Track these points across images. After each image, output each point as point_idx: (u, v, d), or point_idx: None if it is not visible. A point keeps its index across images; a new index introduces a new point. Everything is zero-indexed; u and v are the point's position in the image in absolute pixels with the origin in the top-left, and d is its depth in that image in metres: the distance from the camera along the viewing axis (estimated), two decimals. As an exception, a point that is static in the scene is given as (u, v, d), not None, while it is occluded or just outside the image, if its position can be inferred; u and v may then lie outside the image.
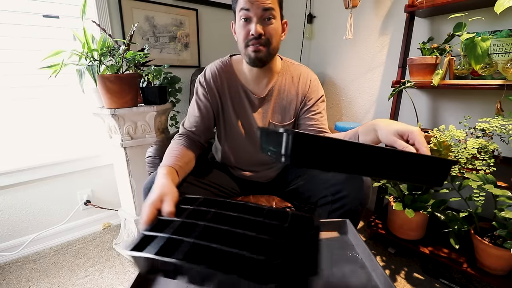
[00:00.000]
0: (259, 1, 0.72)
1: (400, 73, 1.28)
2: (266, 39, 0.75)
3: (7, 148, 1.28)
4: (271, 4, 0.73)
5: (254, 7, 0.72)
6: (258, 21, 0.73)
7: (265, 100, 0.88)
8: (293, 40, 1.90)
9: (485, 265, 1.00)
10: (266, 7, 0.72)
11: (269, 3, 0.73)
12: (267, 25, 0.75)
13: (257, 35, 0.74)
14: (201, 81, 0.89)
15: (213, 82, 0.87)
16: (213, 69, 0.88)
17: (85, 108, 1.43)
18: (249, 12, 0.73)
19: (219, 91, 0.88)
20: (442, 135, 1.02)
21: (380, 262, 1.25)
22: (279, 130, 0.36)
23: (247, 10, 0.73)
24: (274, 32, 0.76)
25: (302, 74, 0.89)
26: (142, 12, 1.50)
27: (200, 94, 0.88)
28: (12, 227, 1.33)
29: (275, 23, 0.76)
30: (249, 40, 0.76)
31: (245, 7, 0.73)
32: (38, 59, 1.20)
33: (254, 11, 0.73)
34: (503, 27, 1.08)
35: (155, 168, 0.99)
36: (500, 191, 0.87)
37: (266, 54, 0.78)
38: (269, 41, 0.76)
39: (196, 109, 0.88)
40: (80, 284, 1.15)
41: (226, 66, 0.89)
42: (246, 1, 0.72)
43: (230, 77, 0.88)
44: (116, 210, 1.55)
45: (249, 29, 0.74)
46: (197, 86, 0.90)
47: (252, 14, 0.73)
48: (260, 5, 0.72)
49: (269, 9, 0.73)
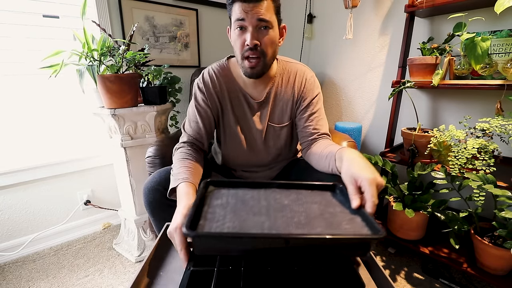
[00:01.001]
0: (254, 11, 0.69)
1: (400, 73, 1.28)
2: (261, 49, 0.74)
3: (7, 148, 1.28)
4: (267, 14, 0.71)
5: (249, 17, 0.70)
6: (253, 30, 0.71)
7: (264, 104, 0.88)
8: (293, 40, 1.90)
9: (485, 265, 1.00)
10: (261, 18, 0.70)
11: (264, 13, 0.70)
12: (263, 35, 0.73)
13: (252, 46, 0.72)
14: (200, 86, 0.87)
15: (212, 87, 0.86)
16: (211, 73, 0.87)
17: (85, 108, 1.43)
18: (244, 21, 0.71)
19: (219, 96, 0.87)
20: (442, 135, 1.03)
21: (380, 262, 1.25)
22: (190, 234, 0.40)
23: (242, 20, 0.71)
24: (270, 42, 0.74)
25: (298, 73, 0.88)
26: (142, 12, 1.50)
27: (199, 100, 0.87)
28: (12, 227, 1.33)
29: (272, 32, 0.74)
30: (245, 51, 0.74)
31: (240, 17, 0.71)
32: (38, 59, 1.20)
33: (249, 21, 0.70)
34: (503, 27, 1.08)
35: (155, 168, 0.99)
36: (500, 191, 0.87)
37: (262, 66, 0.76)
38: (265, 52, 0.75)
39: (197, 115, 0.86)
40: (80, 284, 1.15)
41: (224, 70, 0.87)
42: (241, 10, 0.70)
43: (228, 80, 0.87)
44: (116, 210, 1.55)
45: (244, 39, 0.73)
46: (196, 91, 0.88)
47: (247, 24, 0.71)
48: (255, 15, 0.70)
49: (263, 19, 0.71)
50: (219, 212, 0.47)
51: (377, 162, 1.19)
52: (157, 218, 0.78)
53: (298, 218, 0.47)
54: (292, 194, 0.56)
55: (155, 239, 0.73)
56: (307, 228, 0.44)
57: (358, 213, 0.49)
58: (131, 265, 1.27)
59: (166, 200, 0.73)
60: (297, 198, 0.55)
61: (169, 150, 0.95)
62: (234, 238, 0.41)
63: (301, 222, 0.46)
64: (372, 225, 0.44)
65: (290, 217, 0.47)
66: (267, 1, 0.71)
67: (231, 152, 0.94)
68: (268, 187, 0.59)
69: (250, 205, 0.51)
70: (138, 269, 0.47)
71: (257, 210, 0.49)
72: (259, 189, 0.57)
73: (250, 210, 0.49)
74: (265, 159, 0.94)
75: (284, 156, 0.95)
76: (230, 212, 0.47)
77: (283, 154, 0.94)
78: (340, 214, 0.49)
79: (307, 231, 0.43)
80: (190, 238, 0.44)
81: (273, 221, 0.45)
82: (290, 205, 0.51)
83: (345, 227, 0.45)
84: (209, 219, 0.45)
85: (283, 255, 0.42)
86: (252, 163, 0.95)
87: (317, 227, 0.45)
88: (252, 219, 0.46)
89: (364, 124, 1.65)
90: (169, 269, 0.51)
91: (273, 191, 0.57)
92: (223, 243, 0.42)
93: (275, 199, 0.54)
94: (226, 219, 0.45)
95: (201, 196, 0.51)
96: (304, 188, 0.59)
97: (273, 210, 0.49)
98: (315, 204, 0.52)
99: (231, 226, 0.43)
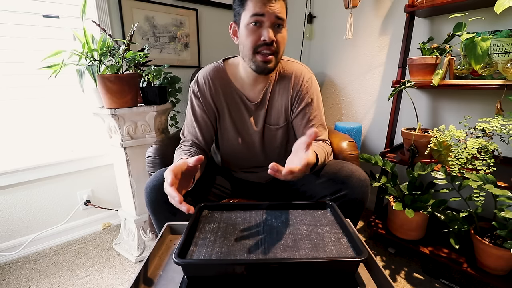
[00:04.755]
0: (273, 8, 0.70)
1: (400, 73, 1.28)
2: (276, 47, 0.74)
3: (7, 148, 1.28)
4: (283, 14, 0.73)
5: (268, 13, 0.70)
6: (271, 26, 0.72)
7: (260, 105, 0.87)
8: (293, 40, 1.90)
9: (485, 265, 1.00)
10: (279, 16, 0.71)
11: (282, 12, 0.72)
12: (278, 33, 0.73)
13: (270, 41, 0.71)
14: (195, 91, 0.87)
15: (208, 90, 0.86)
16: (205, 76, 0.86)
17: (85, 108, 1.43)
18: (263, 17, 0.70)
19: (214, 100, 0.86)
20: (442, 135, 1.03)
21: (380, 262, 1.25)
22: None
23: (262, 15, 0.70)
24: (283, 41, 0.76)
25: (295, 73, 0.87)
26: (142, 12, 1.50)
27: (195, 105, 0.87)
28: (12, 227, 1.33)
29: (284, 31, 0.75)
30: (259, 46, 0.73)
31: (260, 12, 0.70)
32: (38, 59, 1.20)
33: (268, 17, 0.70)
34: (503, 27, 1.08)
35: (155, 168, 0.99)
36: (500, 191, 0.87)
37: (275, 63, 0.77)
38: (279, 50, 0.75)
39: (193, 120, 0.87)
40: (80, 284, 1.15)
41: (219, 72, 0.87)
42: (260, 5, 0.70)
43: (224, 83, 0.86)
44: (116, 210, 1.55)
45: (260, 34, 0.72)
46: (191, 96, 0.88)
47: (266, 19, 0.71)
48: (275, 11, 0.70)
49: (281, 18, 0.72)
50: (210, 238, 0.51)
51: (377, 162, 1.19)
52: (158, 217, 0.78)
53: (286, 241, 0.50)
54: (282, 215, 0.59)
55: (155, 239, 0.73)
56: (293, 251, 0.47)
57: (345, 233, 0.51)
58: (131, 265, 1.27)
59: (168, 199, 0.73)
60: (286, 219, 0.58)
61: (169, 150, 0.95)
62: (220, 265, 0.44)
63: (288, 245, 0.48)
64: (357, 246, 0.46)
65: (278, 240, 0.50)
66: (283, 1, 0.73)
67: (229, 154, 0.94)
68: (259, 208, 0.62)
69: (240, 228, 0.54)
70: (138, 269, 0.47)
71: (246, 234, 0.52)
72: (250, 211, 0.61)
73: (240, 234, 0.52)
74: (263, 159, 0.94)
75: (282, 156, 0.95)
76: (220, 237, 0.51)
77: (281, 154, 0.94)
78: (327, 234, 0.52)
79: (292, 254, 0.46)
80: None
81: (261, 245, 0.48)
82: (279, 227, 0.54)
83: (330, 248, 0.47)
84: (200, 244, 0.48)
85: (267, 278, 0.45)
86: (251, 164, 0.95)
87: (302, 250, 0.47)
88: (240, 243, 0.49)
89: (364, 124, 1.65)
90: (169, 269, 0.51)
91: (264, 213, 0.61)
92: (210, 269, 0.45)
93: (266, 221, 0.57)
94: (216, 244, 0.49)
95: (193, 222, 0.54)
96: (294, 208, 0.62)
97: (262, 233, 0.52)
98: (304, 225, 0.55)
99: (219, 251, 0.46)
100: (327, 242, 0.49)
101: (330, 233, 0.52)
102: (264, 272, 0.44)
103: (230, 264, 0.44)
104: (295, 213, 0.60)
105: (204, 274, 0.45)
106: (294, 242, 0.49)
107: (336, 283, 0.45)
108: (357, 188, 0.74)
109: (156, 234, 1.24)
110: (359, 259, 0.43)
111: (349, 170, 0.76)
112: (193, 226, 0.53)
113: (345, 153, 1.01)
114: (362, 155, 1.22)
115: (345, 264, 0.44)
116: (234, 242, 0.49)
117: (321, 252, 0.46)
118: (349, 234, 0.50)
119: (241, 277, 0.44)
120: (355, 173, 0.75)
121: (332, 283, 0.45)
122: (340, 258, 0.44)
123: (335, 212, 0.58)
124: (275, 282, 0.45)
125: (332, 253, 0.46)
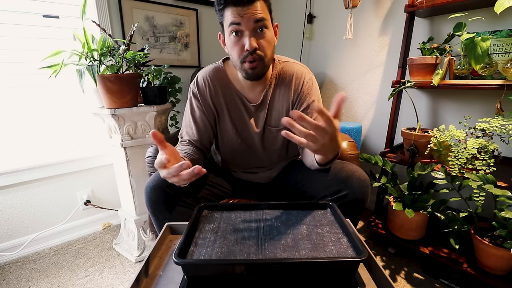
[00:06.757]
0: (249, 13, 0.67)
1: (400, 73, 1.28)
2: (260, 52, 0.72)
3: (7, 148, 1.28)
4: (262, 14, 0.69)
5: (245, 20, 0.67)
6: (250, 34, 0.69)
7: (261, 106, 0.87)
8: (293, 40, 1.90)
9: (485, 265, 1.00)
10: (257, 18, 0.68)
11: (260, 13, 0.68)
12: (260, 37, 0.71)
13: (252, 50, 0.70)
14: (194, 92, 0.86)
15: (207, 91, 0.85)
16: (205, 77, 0.86)
17: (85, 108, 1.43)
18: (240, 26, 0.68)
19: (214, 101, 0.86)
20: (442, 135, 1.03)
21: (380, 262, 1.25)
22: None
23: (238, 24, 0.68)
24: (268, 44, 0.73)
25: (296, 74, 0.86)
26: (142, 12, 1.50)
27: (194, 106, 0.86)
28: (12, 227, 1.33)
29: (268, 33, 0.72)
30: (245, 57, 0.72)
31: (235, 21, 0.68)
32: (38, 59, 1.20)
33: (245, 24, 0.68)
34: (503, 27, 1.08)
35: (155, 168, 0.99)
36: (500, 191, 0.87)
37: (262, 68, 0.75)
38: (264, 54, 0.73)
39: (191, 122, 0.86)
40: (80, 284, 1.15)
41: (219, 73, 0.86)
42: (235, 14, 0.67)
43: (224, 84, 0.86)
44: (116, 210, 1.55)
45: (242, 44, 0.70)
46: (191, 96, 0.87)
47: (244, 28, 0.68)
48: (251, 17, 0.67)
49: (261, 19, 0.68)
50: (210, 238, 0.50)
51: (377, 162, 1.19)
52: (158, 217, 0.78)
53: (286, 241, 0.49)
54: (282, 215, 0.59)
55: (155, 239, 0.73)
56: (293, 251, 0.46)
57: (345, 234, 0.51)
58: (131, 265, 1.27)
59: (168, 199, 0.73)
60: (287, 219, 0.58)
61: (169, 150, 0.95)
62: (220, 265, 0.44)
63: (288, 245, 0.48)
64: (357, 246, 0.46)
65: (278, 240, 0.50)
66: (260, 1, 0.70)
67: (229, 154, 0.94)
68: (259, 208, 0.62)
69: (240, 228, 0.54)
70: (138, 269, 0.47)
71: (246, 234, 0.52)
72: (250, 211, 0.61)
73: (240, 234, 0.52)
74: (264, 160, 0.94)
75: (283, 157, 0.95)
76: (220, 237, 0.51)
77: (282, 155, 0.94)
78: (327, 234, 0.51)
79: (292, 254, 0.46)
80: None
81: (261, 245, 0.48)
82: (279, 227, 0.54)
83: (330, 248, 0.47)
84: (200, 244, 0.48)
85: (267, 278, 0.45)
86: (251, 165, 0.95)
87: (302, 250, 0.47)
88: (240, 243, 0.49)
89: (364, 124, 1.65)
90: (169, 269, 0.51)
91: (264, 213, 0.60)
92: (210, 269, 0.44)
93: (266, 220, 0.57)
94: (216, 244, 0.48)
95: (193, 222, 0.53)
96: (294, 208, 0.62)
97: (262, 233, 0.52)
98: (304, 225, 0.55)
99: (219, 251, 0.46)
100: (327, 242, 0.49)
101: (330, 233, 0.51)
102: (264, 272, 0.44)
103: (230, 264, 0.44)
104: (295, 213, 0.60)
105: (204, 274, 0.45)
106: (294, 242, 0.49)
107: (336, 283, 0.45)
108: (358, 188, 0.73)
109: (156, 234, 1.24)
110: (359, 259, 0.43)
111: (349, 171, 0.76)
112: (193, 226, 0.53)
113: (345, 153, 1.01)
114: (362, 155, 1.22)
115: (345, 264, 0.44)
116: (234, 242, 0.49)
117: (321, 252, 0.46)
118: (349, 234, 0.50)
119: (241, 277, 0.44)
120: (355, 173, 0.75)
121: (332, 283, 0.45)
122: (340, 258, 0.44)
123: (335, 212, 0.58)
124: (275, 282, 0.44)
125: (332, 253, 0.46)
